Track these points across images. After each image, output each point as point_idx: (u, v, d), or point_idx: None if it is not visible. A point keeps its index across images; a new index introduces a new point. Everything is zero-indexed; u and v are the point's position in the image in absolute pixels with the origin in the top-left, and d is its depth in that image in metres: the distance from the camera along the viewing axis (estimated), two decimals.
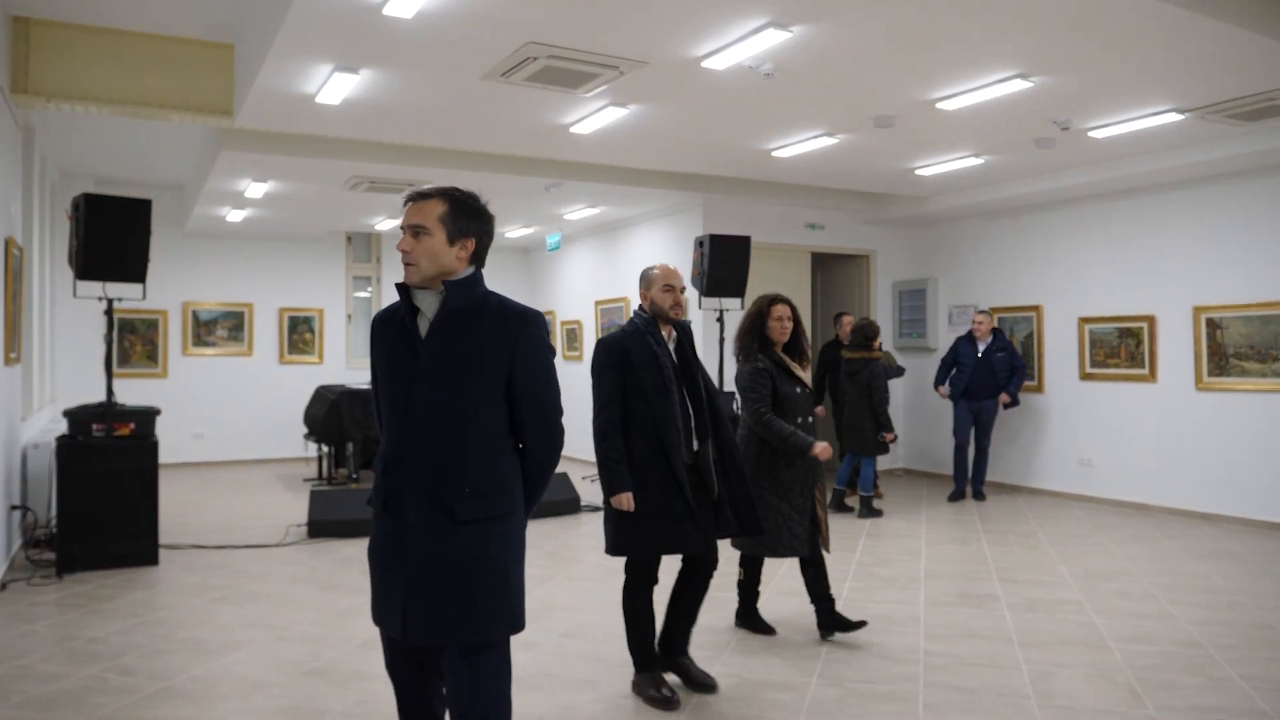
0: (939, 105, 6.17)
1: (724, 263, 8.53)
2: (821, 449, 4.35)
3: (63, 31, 5.99)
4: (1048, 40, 5.03)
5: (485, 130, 7.10)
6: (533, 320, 2.46)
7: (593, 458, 10.45)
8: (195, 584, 5.78)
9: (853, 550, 6.66)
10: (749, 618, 4.83)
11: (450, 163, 7.90)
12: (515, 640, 4.48)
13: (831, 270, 11.17)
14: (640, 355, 3.78)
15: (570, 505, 8.33)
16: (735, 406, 6.74)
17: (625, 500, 3.67)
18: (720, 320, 8.76)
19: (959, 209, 9.73)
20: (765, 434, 4.41)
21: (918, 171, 8.43)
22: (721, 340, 8.77)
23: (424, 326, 2.41)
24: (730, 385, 9.22)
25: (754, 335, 4.63)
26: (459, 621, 2.34)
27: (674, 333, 3.93)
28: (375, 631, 4.71)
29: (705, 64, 5.35)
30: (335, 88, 5.78)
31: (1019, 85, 5.69)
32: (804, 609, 5.00)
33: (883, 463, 10.65)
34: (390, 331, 2.46)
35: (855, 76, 5.69)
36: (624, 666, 4.23)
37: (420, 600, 2.34)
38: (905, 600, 5.35)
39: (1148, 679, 4.04)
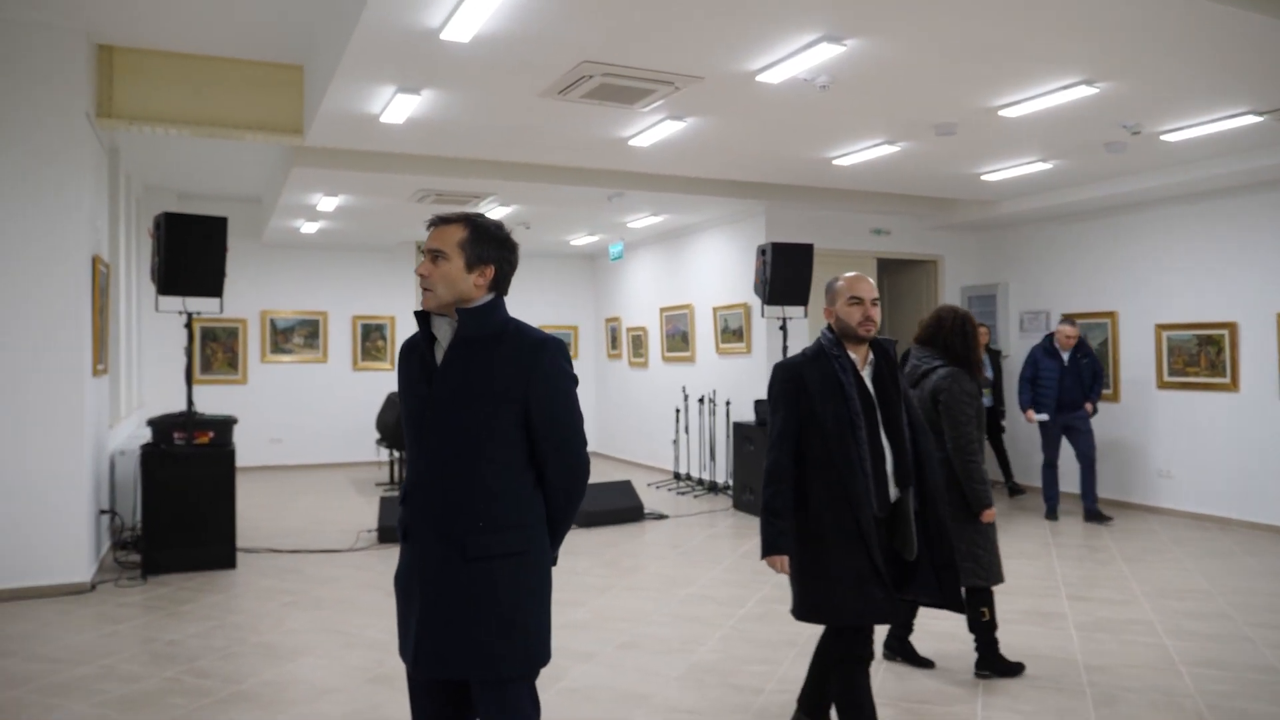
0: (1001, 113, 6.07)
1: (786, 270, 8.50)
2: (989, 514, 4.01)
3: (143, 57, 6.27)
4: (1109, 46, 4.92)
5: (545, 144, 7.21)
6: (551, 348, 2.35)
7: (660, 464, 10.37)
8: (269, 588, 5.99)
9: None
10: (992, 659, 4.29)
11: (513, 175, 8.04)
12: (573, 650, 4.60)
13: (898, 276, 11.04)
14: (819, 383, 3.19)
15: (633, 513, 8.39)
16: None
17: (779, 563, 3.17)
18: (783, 329, 8.74)
19: (1029, 213, 9.52)
20: (964, 469, 4.01)
21: (984, 177, 8.28)
22: (785, 350, 8.74)
23: (440, 355, 2.35)
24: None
25: (969, 347, 4.21)
26: (469, 658, 2.27)
27: (870, 355, 3.33)
28: (390, 648, 4.84)
29: (760, 78, 5.36)
30: (398, 108, 5.95)
31: (1083, 91, 5.56)
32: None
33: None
34: (411, 359, 2.41)
35: (913, 87, 5.63)
36: (679, 680, 4.27)
37: (430, 633, 2.29)
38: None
39: (1218, 706, 3.92)
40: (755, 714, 3.87)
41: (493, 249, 2.35)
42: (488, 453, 2.30)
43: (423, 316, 2.39)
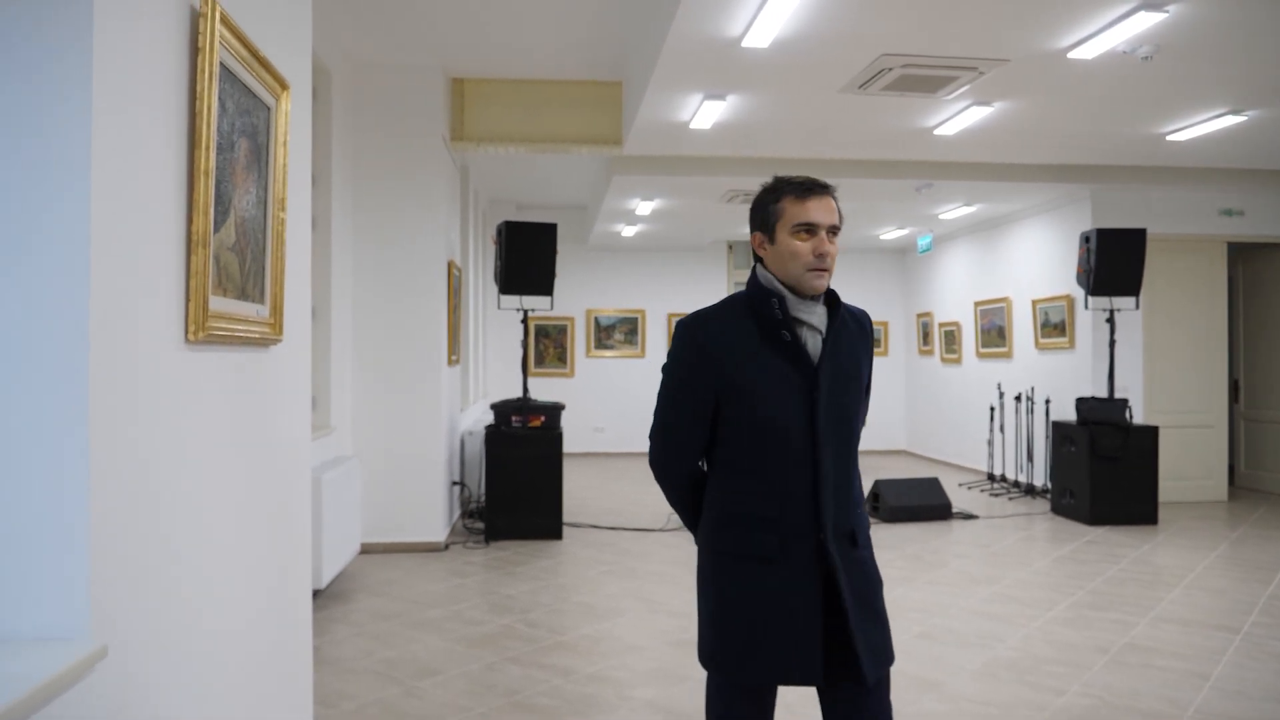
0: None
1: (1114, 259, 7.92)
2: None
3: (487, 86, 7.16)
4: None
5: (849, 138, 7.28)
6: (871, 322, 2.27)
7: (973, 464, 10.05)
8: (590, 558, 6.61)
9: (1266, 583, 5.90)
10: None
11: (818, 171, 8.01)
12: None
13: (1256, 262, 9.79)
14: None
15: (940, 511, 8.19)
16: None
17: None
18: (1110, 321, 8.12)
19: None
20: None
21: None
22: (1112, 344, 8.13)
23: (810, 341, 2.10)
24: (1121, 393, 8.53)
25: None
26: (884, 651, 2.12)
27: None
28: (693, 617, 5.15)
29: (1072, 55, 5.10)
30: (706, 114, 6.32)
31: None
32: (1178, 637, 4.58)
33: None
34: (751, 345, 2.09)
35: (1255, 48, 5.06)
36: (973, 673, 4.22)
37: (862, 638, 2.07)
38: None
39: None
40: (1053, 713, 3.75)
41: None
42: (857, 437, 2.19)
43: (777, 295, 2.10)
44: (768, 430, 2.07)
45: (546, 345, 13.10)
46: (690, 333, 2.13)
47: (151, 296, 1.84)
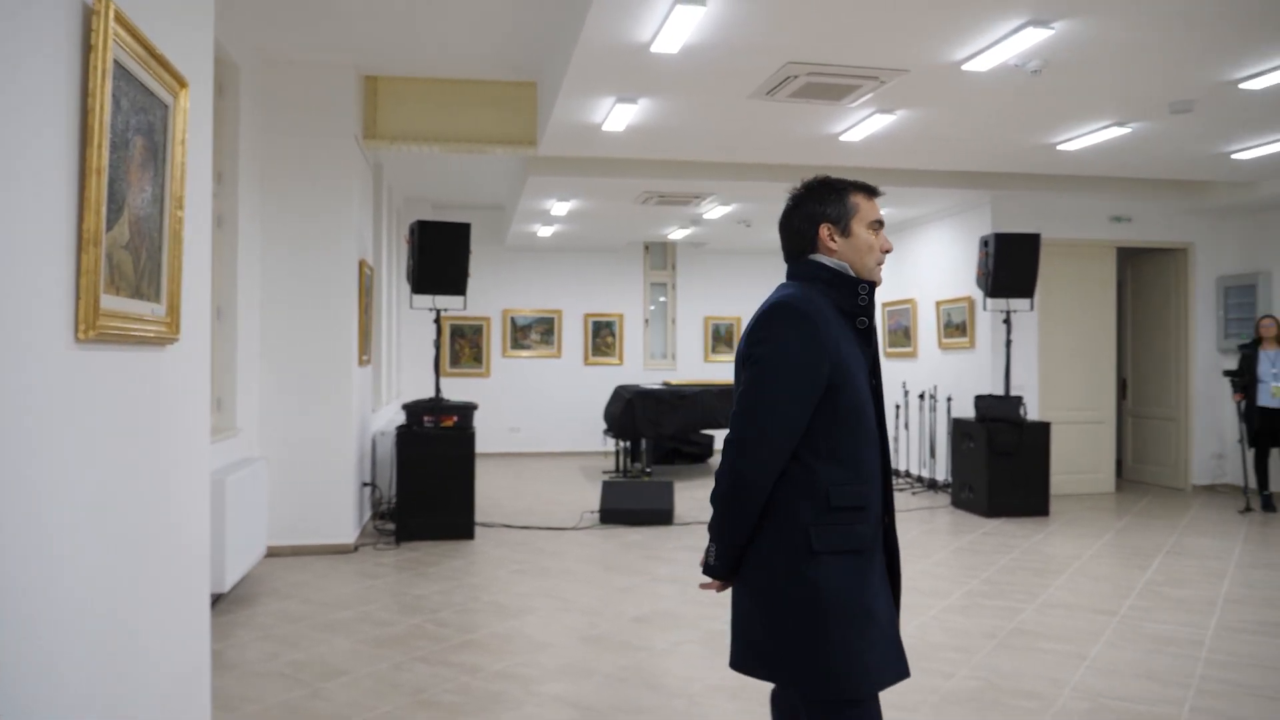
0: (1242, 86, 5.64)
1: (1011, 262, 8.26)
2: None
3: (401, 84, 7.11)
4: None
5: (759, 143, 7.44)
6: None
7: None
8: (502, 557, 6.62)
9: (1144, 568, 6.25)
10: None
11: (730, 175, 8.33)
12: None
13: (1143, 266, 10.33)
14: None
15: None
16: None
17: None
18: (1007, 322, 8.47)
19: None
20: None
21: (1234, 155, 7.63)
22: (1009, 343, 8.48)
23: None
24: (1017, 390, 8.90)
25: None
26: None
27: None
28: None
29: (966, 67, 5.33)
30: (618, 116, 6.39)
31: None
32: (1060, 620, 4.83)
33: (1205, 475, 9.76)
34: (839, 330, 2.12)
35: (1135, 65, 5.37)
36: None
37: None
38: (1191, 624, 4.98)
39: None
40: (943, 696, 3.93)
41: None
42: None
43: (868, 288, 2.19)
44: (858, 415, 2.09)
45: (462, 345, 13.02)
46: (807, 318, 2.07)
47: (39, 295, 1.83)
